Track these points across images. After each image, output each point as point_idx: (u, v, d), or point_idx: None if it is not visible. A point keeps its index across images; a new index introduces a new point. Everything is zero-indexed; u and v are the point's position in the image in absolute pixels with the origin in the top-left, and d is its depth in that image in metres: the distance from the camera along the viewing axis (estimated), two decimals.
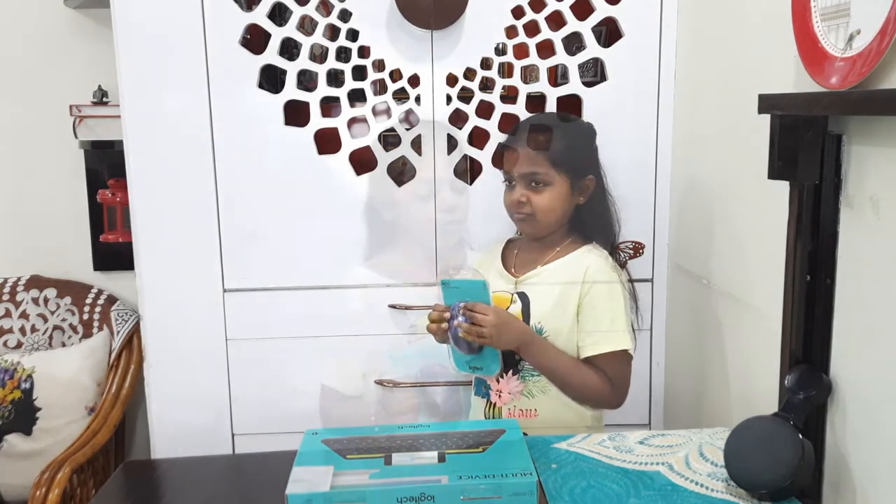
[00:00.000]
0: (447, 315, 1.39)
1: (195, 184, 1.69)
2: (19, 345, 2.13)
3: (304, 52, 1.66)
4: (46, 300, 2.14)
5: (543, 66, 1.68)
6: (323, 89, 1.67)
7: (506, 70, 1.69)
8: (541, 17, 1.66)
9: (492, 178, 1.71)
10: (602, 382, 1.42)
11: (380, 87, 1.69)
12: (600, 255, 1.47)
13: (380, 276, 1.72)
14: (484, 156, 1.71)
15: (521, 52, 1.67)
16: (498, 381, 1.46)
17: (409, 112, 1.69)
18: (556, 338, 1.43)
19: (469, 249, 1.71)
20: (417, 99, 1.68)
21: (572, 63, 1.68)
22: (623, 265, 1.51)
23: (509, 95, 1.69)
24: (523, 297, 1.46)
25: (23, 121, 2.14)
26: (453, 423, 1.62)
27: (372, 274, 1.73)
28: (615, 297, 1.44)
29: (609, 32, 1.70)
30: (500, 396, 1.46)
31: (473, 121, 1.70)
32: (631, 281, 1.50)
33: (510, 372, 1.45)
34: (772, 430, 1.05)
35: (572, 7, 1.66)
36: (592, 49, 1.68)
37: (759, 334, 1.29)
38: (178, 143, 1.68)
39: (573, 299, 1.43)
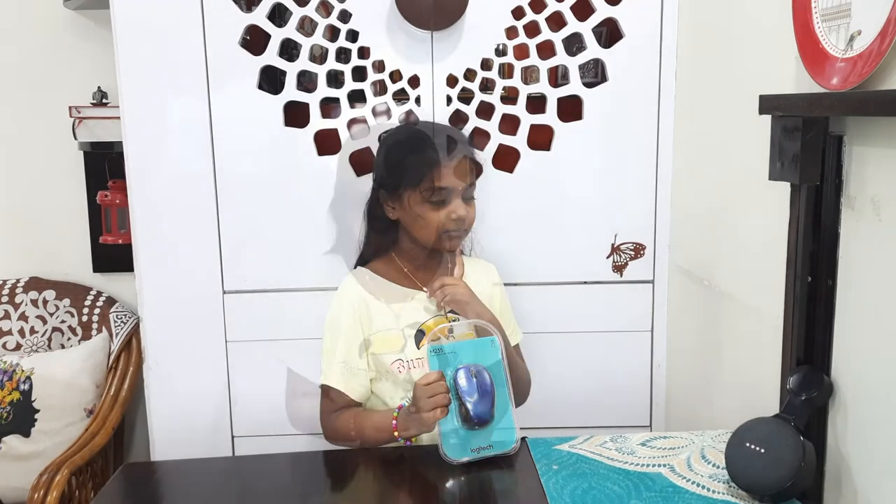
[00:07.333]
0: (444, 387, 1.20)
1: (195, 185, 1.69)
2: (18, 346, 2.12)
3: (304, 52, 1.65)
4: (45, 302, 2.14)
5: (544, 66, 1.68)
6: (323, 90, 1.67)
7: (506, 71, 1.69)
8: (541, 18, 1.66)
9: (494, 179, 1.71)
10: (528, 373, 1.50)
11: (380, 88, 1.69)
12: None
13: None
14: (485, 157, 1.70)
15: (521, 52, 1.67)
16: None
17: (410, 113, 1.68)
18: None
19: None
20: (417, 100, 1.68)
21: (573, 64, 1.68)
22: (624, 266, 1.51)
23: (510, 96, 1.69)
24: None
25: (22, 122, 2.14)
26: None
27: None
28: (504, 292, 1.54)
29: (609, 33, 1.70)
30: None
31: (474, 122, 1.70)
32: None
33: None
34: (773, 431, 1.05)
35: (573, 8, 1.66)
36: (593, 50, 1.68)
37: (761, 335, 1.29)
38: (178, 144, 1.68)
39: (493, 298, 1.48)
